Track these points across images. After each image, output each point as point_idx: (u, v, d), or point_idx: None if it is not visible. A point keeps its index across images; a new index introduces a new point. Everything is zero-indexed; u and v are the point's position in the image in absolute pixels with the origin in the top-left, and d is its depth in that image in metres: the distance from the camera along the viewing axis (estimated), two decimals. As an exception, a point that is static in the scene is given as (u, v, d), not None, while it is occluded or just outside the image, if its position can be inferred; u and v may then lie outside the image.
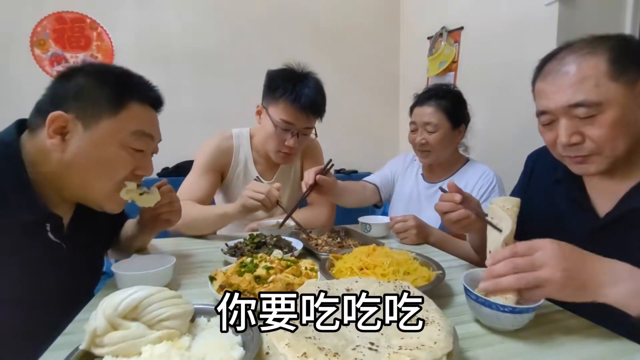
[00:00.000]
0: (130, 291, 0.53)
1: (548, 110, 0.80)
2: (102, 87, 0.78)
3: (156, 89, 0.90)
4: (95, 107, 0.77)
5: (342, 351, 0.47)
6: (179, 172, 2.47)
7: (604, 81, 0.72)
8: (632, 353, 0.59)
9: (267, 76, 1.36)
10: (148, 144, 0.85)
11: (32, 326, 0.73)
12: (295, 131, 1.32)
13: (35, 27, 2.32)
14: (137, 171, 0.84)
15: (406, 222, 1.21)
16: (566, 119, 0.77)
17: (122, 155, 0.80)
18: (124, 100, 0.79)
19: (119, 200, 0.84)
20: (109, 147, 0.78)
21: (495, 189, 1.39)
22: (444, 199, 0.93)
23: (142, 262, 0.89)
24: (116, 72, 0.83)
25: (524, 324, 0.65)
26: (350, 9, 2.99)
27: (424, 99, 1.43)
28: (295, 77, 1.31)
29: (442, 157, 1.45)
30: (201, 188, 1.37)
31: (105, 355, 0.49)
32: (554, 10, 1.80)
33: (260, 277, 0.74)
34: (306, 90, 1.28)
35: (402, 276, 0.79)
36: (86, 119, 0.76)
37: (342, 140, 2.96)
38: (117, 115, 0.78)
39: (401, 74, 3.17)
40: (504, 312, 0.62)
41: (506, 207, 0.74)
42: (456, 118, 1.41)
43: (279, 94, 1.29)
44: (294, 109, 1.28)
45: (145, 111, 0.84)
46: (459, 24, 2.42)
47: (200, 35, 2.63)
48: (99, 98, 0.77)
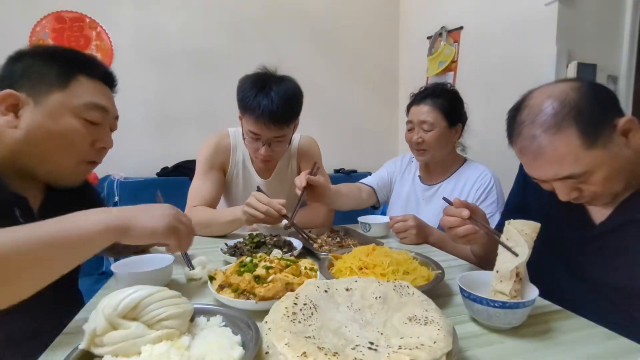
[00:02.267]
0: (129, 291, 0.53)
1: (537, 179, 0.81)
2: (50, 64, 0.79)
3: (105, 65, 0.90)
4: (44, 83, 0.78)
5: (342, 351, 0.47)
6: (179, 172, 2.47)
7: (582, 154, 0.72)
8: (632, 353, 0.59)
9: (237, 84, 1.32)
10: (103, 117, 0.85)
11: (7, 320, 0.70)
12: (263, 141, 1.29)
13: (34, 27, 2.31)
14: (97, 144, 0.85)
15: (406, 221, 1.21)
16: (559, 182, 0.78)
17: (76, 126, 0.80)
18: (72, 74, 0.80)
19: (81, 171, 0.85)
20: (61, 117, 0.79)
21: (492, 190, 1.39)
22: (450, 213, 0.90)
23: (142, 261, 0.89)
24: (64, 50, 0.85)
25: (518, 322, 0.65)
26: (349, 8, 2.99)
27: (421, 98, 1.43)
28: (259, 87, 1.24)
29: (439, 156, 1.45)
30: (209, 190, 1.37)
31: (104, 355, 0.49)
32: (553, 10, 1.80)
33: (259, 277, 0.73)
34: (265, 101, 1.21)
35: (401, 276, 0.79)
36: (37, 94, 0.77)
37: (341, 140, 2.96)
38: (66, 89, 0.79)
39: (401, 73, 3.17)
40: (494, 307, 0.63)
41: (525, 231, 0.70)
42: (453, 117, 1.41)
43: (244, 104, 1.25)
44: (258, 120, 1.23)
45: (96, 85, 0.85)
46: (459, 23, 2.42)
47: (199, 35, 2.63)
48: (47, 74, 0.79)
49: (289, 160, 1.54)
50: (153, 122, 2.56)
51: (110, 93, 0.90)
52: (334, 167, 2.90)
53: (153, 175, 2.50)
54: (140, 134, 2.53)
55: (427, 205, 1.49)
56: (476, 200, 1.37)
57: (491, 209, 1.34)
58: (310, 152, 1.55)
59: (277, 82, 1.27)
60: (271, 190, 1.49)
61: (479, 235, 0.89)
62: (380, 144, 3.19)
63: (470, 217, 0.86)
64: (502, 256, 0.71)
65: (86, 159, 0.85)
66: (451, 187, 1.46)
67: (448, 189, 1.47)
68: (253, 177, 1.48)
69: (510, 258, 0.69)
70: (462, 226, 0.88)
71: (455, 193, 1.43)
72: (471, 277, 0.74)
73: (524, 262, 0.68)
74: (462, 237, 0.89)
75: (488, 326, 0.66)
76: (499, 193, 1.40)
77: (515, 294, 0.67)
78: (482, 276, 0.75)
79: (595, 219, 0.84)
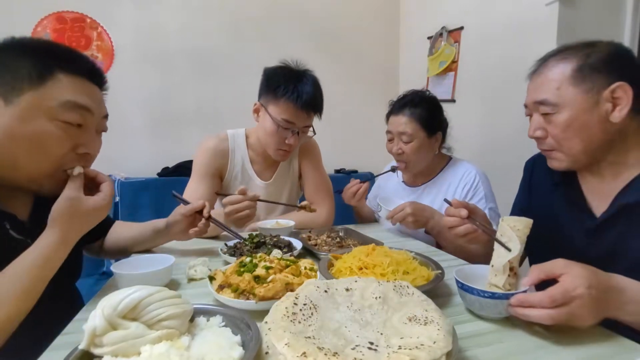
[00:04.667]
0: (129, 291, 0.53)
1: (526, 104, 0.91)
2: (22, 58, 0.71)
3: (91, 60, 0.81)
4: (15, 79, 0.70)
5: (342, 351, 0.47)
6: (179, 172, 2.46)
7: (565, 86, 0.81)
8: (632, 353, 0.59)
9: (264, 74, 1.36)
10: (85, 118, 0.76)
11: None
12: (296, 130, 1.32)
13: (35, 27, 2.32)
14: (78, 149, 0.77)
15: (403, 210, 1.23)
16: (537, 115, 0.87)
17: (51, 129, 0.72)
18: (48, 70, 0.72)
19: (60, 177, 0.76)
20: (33, 120, 0.71)
21: (479, 186, 1.39)
22: (449, 213, 0.94)
23: (142, 261, 0.89)
24: (39, 43, 0.77)
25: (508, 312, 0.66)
26: (350, 8, 2.99)
27: (399, 108, 1.41)
28: (295, 76, 1.31)
29: (420, 165, 1.45)
30: (202, 196, 1.34)
31: (104, 355, 0.49)
32: (554, 10, 1.79)
33: (259, 277, 0.73)
34: (307, 88, 1.29)
35: (401, 276, 0.79)
36: (6, 93, 0.70)
37: (341, 140, 2.96)
38: (40, 87, 0.71)
39: (401, 73, 3.17)
40: (484, 297, 0.67)
41: (517, 227, 0.73)
42: (432, 126, 1.39)
43: (280, 93, 1.28)
44: (296, 108, 1.28)
45: (78, 82, 0.76)
46: (459, 23, 2.42)
47: (200, 35, 2.63)
48: (18, 70, 0.70)
49: (290, 161, 1.54)
50: (154, 122, 2.56)
51: (98, 91, 0.82)
52: (334, 167, 2.90)
53: (154, 175, 2.50)
54: (141, 134, 2.53)
55: None
56: (464, 198, 1.38)
57: (480, 205, 1.34)
58: (312, 152, 1.55)
59: (306, 73, 1.34)
60: (270, 192, 1.49)
61: (479, 234, 0.92)
62: (380, 144, 3.16)
63: (469, 217, 0.90)
64: (497, 251, 0.74)
65: (66, 165, 0.76)
66: (437, 187, 1.47)
67: (434, 189, 1.47)
68: (253, 180, 1.47)
69: (503, 253, 0.72)
70: (461, 225, 0.92)
71: (441, 193, 1.44)
72: (469, 271, 0.78)
73: (516, 256, 0.71)
74: (463, 236, 0.93)
75: (482, 316, 0.70)
76: (487, 188, 1.40)
77: (509, 288, 0.71)
78: (479, 270, 0.78)
79: (596, 212, 0.87)
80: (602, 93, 0.78)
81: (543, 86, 0.84)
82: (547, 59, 0.86)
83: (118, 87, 2.31)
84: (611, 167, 0.85)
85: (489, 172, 1.48)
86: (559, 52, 0.85)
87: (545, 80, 0.84)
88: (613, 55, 0.80)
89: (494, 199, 1.41)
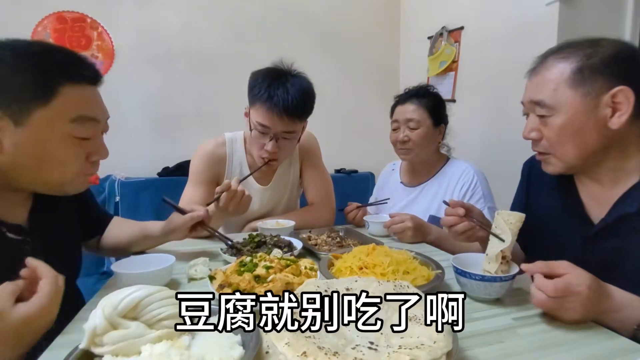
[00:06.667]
0: (129, 290, 0.52)
1: (523, 102, 0.88)
2: (22, 73, 0.68)
3: (88, 61, 0.78)
4: (20, 99, 0.67)
5: (342, 350, 0.47)
6: (180, 172, 2.46)
7: (562, 87, 0.77)
8: (632, 353, 0.59)
9: (250, 76, 1.30)
10: (95, 128, 0.77)
11: None
12: (272, 135, 1.24)
13: (36, 27, 2.32)
14: (91, 158, 0.79)
15: (403, 222, 1.21)
16: (533, 116, 0.85)
17: (68, 147, 0.73)
18: (52, 85, 0.70)
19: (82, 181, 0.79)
20: (49, 141, 0.71)
21: (477, 187, 1.39)
22: (448, 212, 0.98)
23: (142, 261, 0.89)
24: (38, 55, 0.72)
25: (497, 294, 0.76)
26: (350, 9, 2.99)
27: (405, 98, 1.47)
28: (274, 77, 1.22)
29: (423, 155, 1.47)
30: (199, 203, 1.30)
31: (104, 355, 0.49)
32: (554, 10, 1.79)
33: (259, 277, 0.74)
34: (280, 91, 1.19)
35: (401, 275, 0.79)
36: (14, 114, 0.67)
37: (342, 140, 2.96)
38: (49, 104, 0.69)
39: (401, 73, 3.17)
40: (475, 280, 0.76)
41: (510, 221, 0.79)
42: (437, 116, 1.44)
43: (254, 94, 1.22)
44: (271, 112, 1.20)
45: (82, 91, 0.75)
46: (460, 23, 2.42)
47: (200, 35, 2.63)
48: (21, 88, 0.67)
49: (291, 165, 1.50)
50: (154, 122, 2.56)
51: (99, 93, 0.81)
52: (334, 167, 2.90)
53: (154, 175, 2.50)
54: (141, 134, 2.53)
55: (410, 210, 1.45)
56: (462, 198, 1.39)
57: (479, 205, 1.34)
58: (313, 154, 1.52)
59: (293, 75, 1.26)
60: (268, 196, 1.46)
61: (477, 231, 0.96)
62: (380, 144, 3.16)
63: (467, 215, 0.95)
64: (491, 242, 0.81)
65: (83, 173, 0.79)
66: (435, 187, 1.47)
67: (433, 189, 1.48)
68: (251, 185, 1.42)
69: (497, 243, 0.80)
70: (460, 223, 0.95)
71: (440, 192, 1.45)
72: (466, 258, 0.85)
73: (508, 246, 0.78)
74: (462, 233, 0.96)
75: (474, 298, 0.78)
76: (485, 188, 1.41)
77: (501, 274, 0.78)
78: (475, 257, 0.86)
79: (593, 219, 0.85)
80: (601, 97, 0.74)
81: (540, 86, 0.81)
82: (547, 57, 0.82)
83: (118, 87, 2.34)
84: (610, 173, 0.82)
85: (489, 171, 1.48)
86: (560, 49, 0.81)
87: (543, 80, 0.80)
88: (617, 56, 0.75)
89: (492, 198, 1.42)
